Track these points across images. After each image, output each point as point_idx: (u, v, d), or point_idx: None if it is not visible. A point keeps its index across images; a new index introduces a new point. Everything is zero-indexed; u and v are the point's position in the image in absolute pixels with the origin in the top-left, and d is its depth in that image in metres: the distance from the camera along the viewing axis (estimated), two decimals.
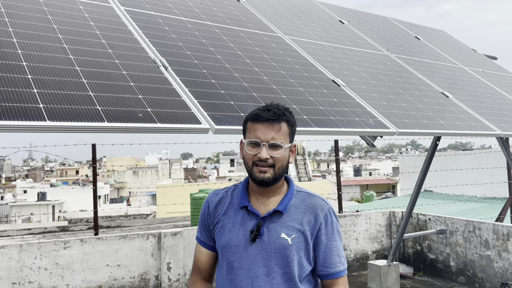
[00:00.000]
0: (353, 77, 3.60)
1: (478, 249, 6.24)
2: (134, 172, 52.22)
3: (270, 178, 1.66)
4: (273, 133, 1.64)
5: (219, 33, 3.36)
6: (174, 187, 20.70)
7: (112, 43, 2.55)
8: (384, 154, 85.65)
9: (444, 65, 5.23)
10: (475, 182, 13.62)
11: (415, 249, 7.25)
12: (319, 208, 1.73)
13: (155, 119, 1.95)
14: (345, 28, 5.10)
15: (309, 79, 3.17)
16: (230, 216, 1.73)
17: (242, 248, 1.67)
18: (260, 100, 2.54)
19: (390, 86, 3.77)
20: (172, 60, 2.63)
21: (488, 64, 6.29)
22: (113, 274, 5.99)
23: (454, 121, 3.49)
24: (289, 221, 1.68)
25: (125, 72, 2.28)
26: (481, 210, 11.76)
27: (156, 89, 2.22)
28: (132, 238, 6.17)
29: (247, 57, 3.11)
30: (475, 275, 6.27)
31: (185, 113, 2.10)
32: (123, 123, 1.84)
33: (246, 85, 2.66)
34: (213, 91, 2.42)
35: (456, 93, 4.30)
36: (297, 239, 1.67)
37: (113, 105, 1.95)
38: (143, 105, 2.02)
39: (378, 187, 38.04)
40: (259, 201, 1.72)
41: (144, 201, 38.37)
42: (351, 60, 4.04)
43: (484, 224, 6.23)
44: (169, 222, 14.32)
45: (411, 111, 3.36)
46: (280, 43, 3.69)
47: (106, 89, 2.06)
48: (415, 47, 5.53)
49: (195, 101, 2.24)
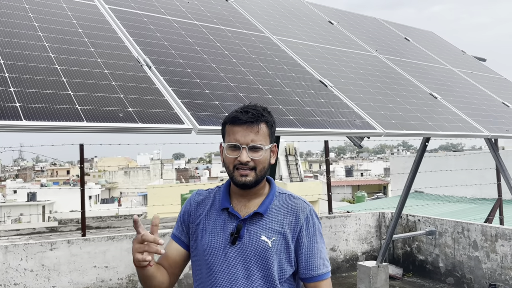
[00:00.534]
0: (341, 78, 3.58)
1: (467, 250, 6.26)
2: (126, 172, 51.97)
3: (252, 181, 1.64)
4: (252, 135, 1.62)
5: (206, 32, 3.33)
6: (165, 187, 20.62)
7: (95, 42, 2.51)
8: (376, 155, 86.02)
9: (433, 66, 5.23)
10: (465, 183, 13.70)
11: (405, 250, 7.26)
12: (300, 209, 1.70)
13: (136, 119, 1.91)
14: (334, 28, 5.08)
15: (296, 80, 3.15)
16: (212, 218, 1.71)
17: (222, 250, 1.64)
18: (246, 100, 2.51)
19: (378, 87, 3.76)
20: (156, 59, 2.59)
21: (477, 66, 6.32)
22: (101, 276, 5.93)
23: (442, 122, 3.49)
24: (270, 223, 1.66)
25: (107, 71, 2.24)
26: (470, 211, 11.83)
27: (139, 89, 2.18)
28: (120, 239, 6.11)
29: (234, 57, 3.08)
30: (463, 276, 6.29)
31: (167, 113, 2.06)
32: (102, 122, 1.80)
33: (232, 85, 2.63)
34: (198, 91, 2.39)
35: (445, 94, 4.30)
36: (277, 241, 1.64)
37: (93, 104, 1.91)
38: (124, 105, 1.98)
39: (370, 187, 38.17)
40: (241, 203, 1.70)
41: (135, 201, 38.19)
42: (339, 61, 4.03)
43: (472, 225, 6.25)
44: (160, 223, 14.25)
45: (398, 112, 3.35)
46: (268, 43, 3.67)
47: (86, 88, 2.02)
48: (404, 48, 5.53)
49: (179, 100, 2.21)
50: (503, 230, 5.83)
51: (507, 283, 5.69)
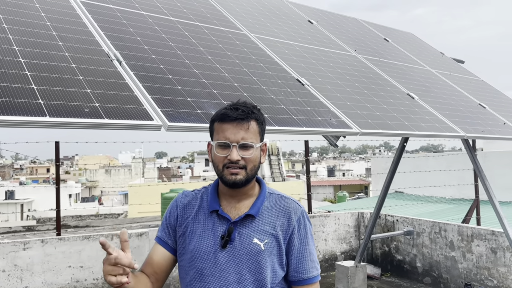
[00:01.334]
0: (318, 77, 3.56)
1: (444, 250, 6.31)
2: (107, 171, 51.38)
3: (242, 180, 1.58)
4: (242, 132, 1.57)
5: (181, 28, 3.27)
6: (146, 186, 20.44)
7: (63, 35, 2.43)
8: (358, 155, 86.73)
9: (412, 67, 5.26)
10: (444, 184, 13.87)
11: (383, 250, 7.30)
12: (293, 211, 1.65)
13: (103, 114, 1.85)
14: (313, 28, 5.07)
15: (272, 78, 3.11)
16: (200, 220, 1.64)
17: (213, 254, 1.58)
18: (219, 97, 2.46)
19: (356, 87, 3.75)
20: (128, 54, 2.53)
21: (455, 68, 6.37)
22: (76, 276, 5.82)
23: (418, 122, 3.49)
24: (262, 225, 1.60)
25: (75, 65, 2.17)
26: (448, 212, 11.96)
27: (107, 84, 2.11)
28: (96, 238, 6.01)
29: (210, 54, 3.03)
30: (440, 275, 6.34)
31: (136, 109, 2.00)
32: (66, 118, 1.74)
33: (206, 82, 2.58)
34: (170, 87, 2.33)
35: (422, 95, 4.31)
36: (269, 244, 1.59)
37: (58, 99, 1.84)
38: (90, 100, 1.92)
39: (351, 187, 38.44)
40: (230, 204, 1.64)
41: (116, 200, 37.80)
42: (317, 60, 4.00)
43: (449, 226, 6.30)
44: (139, 222, 14.10)
45: (375, 112, 3.34)
46: (245, 41, 3.62)
47: (51, 83, 1.95)
48: (383, 49, 5.55)
49: (149, 96, 2.15)
50: (479, 231, 5.90)
51: (482, 282, 5.75)
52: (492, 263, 5.66)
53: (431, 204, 14.10)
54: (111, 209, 28.17)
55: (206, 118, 2.18)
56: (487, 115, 4.65)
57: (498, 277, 5.58)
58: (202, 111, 2.22)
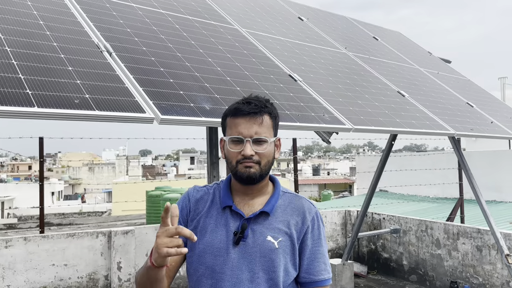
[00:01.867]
0: (310, 73, 3.53)
1: (430, 248, 6.35)
2: (90, 169, 50.78)
3: (257, 174, 1.53)
4: (256, 127, 1.52)
5: (172, 21, 3.21)
6: (131, 184, 20.25)
7: (51, 25, 2.36)
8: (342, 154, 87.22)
9: (401, 65, 5.26)
10: (428, 183, 13.99)
11: (369, 248, 7.32)
12: (307, 210, 1.61)
13: (93, 106, 1.79)
14: (304, 25, 5.04)
15: (265, 73, 3.07)
16: (213, 216, 1.59)
17: (225, 251, 1.52)
18: (213, 91, 2.41)
19: (347, 83, 3.73)
20: (118, 45, 2.46)
21: (442, 67, 6.41)
22: (59, 274, 5.70)
23: (410, 120, 3.48)
24: (276, 223, 1.56)
25: (64, 55, 2.10)
26: (433, 210, 12.06)
27: (97, 75, 2.05)
28: (81, 236, 5.90)
29: (201, 47, 2.97)
30: (426, 273, 6.38)
31: (128, 101, 1.94)
32: (56, 109, 1.67)
33: (198, 75, 2.52)
34: (161, 80, 2.27)
35: (412, 92, 4.31)
36: (284, 242, 1.54)
37: (46, 89, 1.77)
38: (80, 91, 1.85)
39: (336, 186, 38.64)
40: (243, 201, 1.59)
41: (100, 198, 37.40)
42: (309, 56, 3.97)
43: (436, 224, 6.34)
44: (124, 220, 13.95)
45: (367, 109, 3.32)
46: (237, 36, 3.57)
47: (39, 73, 1.87)
48: (373, 47, 5.55)
49: (140, 89, 2.09)
50: (464, 228, 5.94)
51: (468, 280, 5.80)
52: (477, 261, 5.70)
53: (415, 202, 14.22)
54: (94, 207, 27.86)
55: (200, 111, 2.12)
56: (475, 113, 4.68)
57: (483, 274, 5.63)
58: (195, 104, 2.17)
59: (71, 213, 21.96)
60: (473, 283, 5.72)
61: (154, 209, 11.92)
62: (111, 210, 21.51)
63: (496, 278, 5.48)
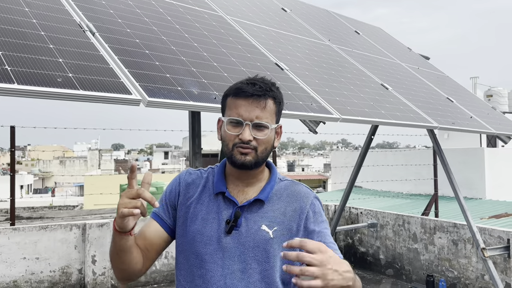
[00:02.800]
0: (296, 63, 3.48)
1: (407, 242, 6.41)
2: (61, 162, 49.68)
3: (252, 161, 1.43)
4: (258, 111, 1.42)
5: (156, 5, 3.10)
6: (103, 177, 19.88)
7: (30, 2, 2.22)
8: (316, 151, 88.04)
9: (383, 60, 5.27)
10: (402, 179, 14.20)
11: (347, 242, 7.35)
12: (304, 196, 1.53)
13: (77, 85, 1.68)
14: (287, 16, 4.98)
15: (252, 60, 3.00)
16: (204, 202, 1.50)
17: (216, 239, 1.44)
18: (200, 76, 2.33)
19: (332, 75, 3.69)
20: (101, 26, 2.35)
21: (422, 63, 6.46)
22: (31, 268, 5.52)
23: (394, 112, 3.47)
24: (271, 212, 1.47)
25: (44, 33, 1.98)
26: (406, 206, 12.23)
27: (80, 54, 1.94)
28: (54, 229, 5.72)
29: (186, 32, 2.88)
30: (402, 267, 6.44)
31: (113, 81, 1.84)
32: (37, 86, 1.56)
33: (184, 59, 2.43)
34: (147, 62, 2.18)
35: (395, 86, 4.32)
36: (279, 231, 1.45)
37: (27, 66, 1.66)
38: (63, 70, 1.74)
39: (310, 182, 38.90)
40: (237, 187, 1.50)
41: (71, 192, 36.64)
42: (294, 46, 3.92)
43: (413, 218, 6.40)
44: (97, 214, 13.67)
45: (353, 99, 3.29)
46: (222, 22, 3.49)
47: (18, 49, 1.75)
48: (355, 41, 5.54)
49: (126, 70, 1.99)
50: (441, 223, 6.02)
51: (443, 273, 5.88)
52: (453, 255, 5.79)
53: (389, 198, 14.40)
54: (65, 201, 27.27)
55: (188, 95, 2.04)
56: (455, 108, 4.72)
57: (458, 268, 5.72)
58: (182, 88, 2.08)
59: (41, 207, 21.41)
60: (449, 277, 5.81)
61: None
62: (83, 204, 21.06)
63: (471, 272, 5.57)
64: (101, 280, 5.82)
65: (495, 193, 13.25)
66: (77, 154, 57.38)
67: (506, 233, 5.28)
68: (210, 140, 18.76)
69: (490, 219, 9.40)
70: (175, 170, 38.90)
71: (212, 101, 2.08)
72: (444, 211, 10.03)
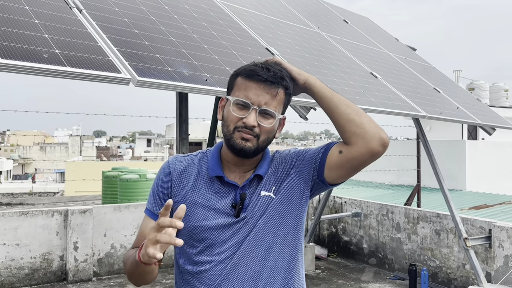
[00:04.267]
0: (286, 48, 3.43)
1: (390, 232, 6.46)
2: (42, 148, 48.91)
3: (252, 148, 1.38)
4: (268, 97, 1.36)
5: None
6: (85, 163, 19.63)
7: None
8: (300, 141, 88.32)
9: (372, 49, 5.25)
10: (384, 170, 14.33)
11: (330, 231, 7.38)
12: (280, 153, 1.52)
13: (64, 62, 1.61)
14: (276, 2, 4.92)
15: (242, 44, 2.94)
16: (201, 189, 1.43)
17: (224, 226, 1.39)
18: (190, 57, 2.27)
19: (323, 61, 3.66)
20: (88, 3, 2.26)
21: (409, 53, 6.47)
22: (11, 254, 5.40)
23: (384, 100, 3.46)
24: (268, 180, 1.45)
25: (28, 7, 1.89)
26: (389, 196, 12.35)
27: (67, 31, 1.86)
28: (35, 215, 5.60)
29: (176, 13, 2.80)
30: (385, 256, 6.50)
31: (102, 59, 1.77)
32: (22, 61, 1.48)
33: (174, 40, 2.36)
34: (136, 41, 2.11)
35: (384, 75, 4.30)
36: (277, 189, 1.43)
37: (11, 40, 1.58)
38: (49, 45, 1.67)
39: None
40: (234, 173, 1.44)
41: (52, 179, 36.14)
42: (284, 32, 3.87)
43: (397, 208, 6.45)
44: (78, 201, 13.50)
45: (343, 87, 3.26)
46: (212, 5, 3.41)
47: (1, 22, 1.67)
48: (344, 29, 5.50)
49: (115, 49, 1.92)
50: (424, 213, 6.07)
51: (425, 263, 5.95)
52: (435, 244, 5.85)
53: (371, 189, 14.53)
54: (46, 187, 26.90)
55: (178, 76, 1.98)
56: (443, 99, 4.74)
57: (440, 257, 5.79)
58: (173, 69, 2.02)
59: (21, 193, 21.08)
60: (431, 266, 5.88)
61: (111, 190, 11.53)
62: (64, 191, 20.79)
63: (453, 261, 5.65)
64: (83, 267, 5.74)
65: (475, 184, 13.47)
66: (58, 140, 56.55)
67: (487, 223, 5.35)
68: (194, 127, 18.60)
69: (470, 210, 9.55)
70: (158, 158, 38.63)
71: (204, 83, 2.02)
72: (425, 201, 10.15)
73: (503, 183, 13.90)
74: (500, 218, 7.38)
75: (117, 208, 6.05)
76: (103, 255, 5.93)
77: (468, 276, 5.48)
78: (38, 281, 5.54)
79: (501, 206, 10.12)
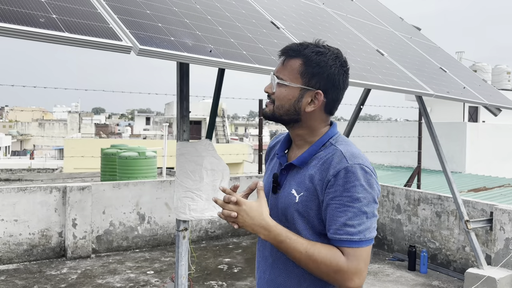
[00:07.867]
0: (292, 23, 3.32)
1: (390, 213, 6.43)
2: (40, 125, 48.73)
3: (268, 113, 1.50)
4: (280, 67, 1.48)
5: None
6: (84, 140, 19.55)
7: None
8: None
9: (377, 27, 5.13)
10: (384, 151, 14.27)
11: None
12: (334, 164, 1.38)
13: (62, 27, 1.52)
14: None
15: (246, 17, 2.83)
16: (272, 162, 1.63)
17: (267, 196, 1.51)
18: (193, 28, 2.17)
19: (328, 37, 3.55)
20: None
21: (414, 32, 6.34)
22: (9, 230, 5.37)
23: (391, 78, 3.37)
24: (303, 177, 1.44)
25: None
26: (388, 178, 12.33)
27: None
28: (33, 191, 5.55)
29: None
30: (385, 237, 6.48)
31: (102, 27, 1.68)
32: (18, 25, 1.39)
33: (177, 10, 2.26)
34: (137, 10, 2.00)
35: (390, 52, 4.20)
36: (305, 197, 1.41)
37: (4, 3, 1.48)
38: (45, 10, 1.57)
39: None
40: (293, 150, 1.55)
41: (50, 155, 36.12)
42: (288, 7, 3.75)
43: (397, 190, 6.41)
44: (77, 178, 13.46)
45: (351, 63, 3.16)
46: None
47: None
48: (349, 6, 5.37)
49: (115, 16, 1.82)
50: (425, 195, 6.03)
51: (425, 244, 5.93)
52: (436, 226, 5.83)
53: None
54: (44, 164, 26.88)
55: (181, 46, 1.89)
56: (449, 78, 4.64)
57: (440, 239, 5.77)
58: (176, 39, 1.93)
59: (19, 169, 21.05)
60: (430, 248, 5.86)
61: (110, 167, 11.46)
62: (62, 167, 20.75)
63: (453, 243, 5.63)
64: (82, 243, 5.71)
65: (474, 167, 13.45)
66: (57, 116, 56.30)
67: (489, 206, 5.31)
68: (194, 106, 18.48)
69: (469, 192, 9.54)
70: (157, 136, 38.52)
71: (208, 54, 1.93)
72: (425, 183, 10.13)
73: (503, 165, 13.88)
74: (499, 201, 7.36)
75: (116, 185, 6.00)
76: (102, 232, 5.90)
77: (468, 258, 5.46)
78: (37, 257, 5.52)
79: (500, 188, 10.11)
